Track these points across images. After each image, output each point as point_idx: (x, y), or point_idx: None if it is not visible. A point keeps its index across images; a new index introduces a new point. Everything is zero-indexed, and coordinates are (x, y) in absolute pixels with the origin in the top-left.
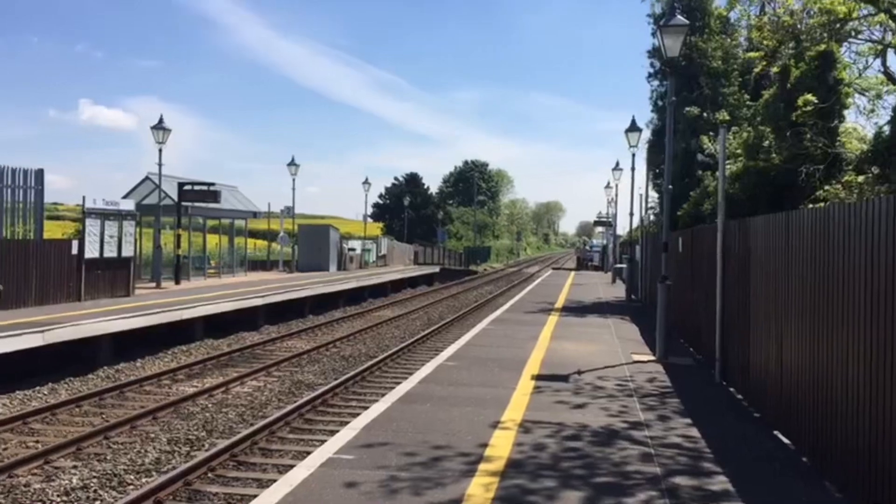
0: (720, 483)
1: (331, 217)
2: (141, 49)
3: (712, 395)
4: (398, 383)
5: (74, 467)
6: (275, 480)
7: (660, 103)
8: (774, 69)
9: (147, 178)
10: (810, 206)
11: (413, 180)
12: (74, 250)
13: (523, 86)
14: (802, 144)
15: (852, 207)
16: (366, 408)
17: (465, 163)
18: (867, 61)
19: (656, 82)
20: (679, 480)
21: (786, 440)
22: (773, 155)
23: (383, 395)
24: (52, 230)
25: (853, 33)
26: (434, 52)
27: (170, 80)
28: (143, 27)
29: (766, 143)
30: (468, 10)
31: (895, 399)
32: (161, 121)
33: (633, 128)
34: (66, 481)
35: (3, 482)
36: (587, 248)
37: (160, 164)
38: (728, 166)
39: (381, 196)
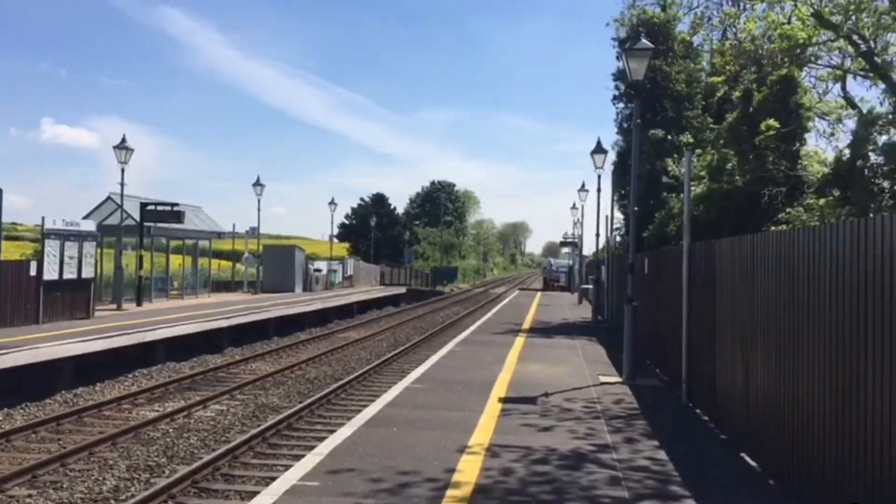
0: None
1: (297, 237)
2: (106, 68)
3: (679, 417)
4: (364, 406)
5: (29, 496)
6: None
7: (625, 125)
8: (737, 93)
9: (109, 198)
10: (773, 228)
11: (380, 201)
12: (33, 272)
13: (492, 107)
14: (765, 167)
15: (816, 231)
16: (332, 432)
17: (433, 183)
18: (827, 86)
19: (621, 105)
20: None
21: (753, 463)
22: (737, 177)
23: (349, 418)
24: (11, 251)
25: (813, 59)
26: (403, 74)
27: (135, 99)
28: (109, 46)
29: (730, 165)
30: (438, 33)
31: (860, 423)
32: (124, 140)
33: (599, 149)
34: None
35: None
36: (553, 268)
37: (122, 184)
38: (692, 188)
39: (347, 216)
